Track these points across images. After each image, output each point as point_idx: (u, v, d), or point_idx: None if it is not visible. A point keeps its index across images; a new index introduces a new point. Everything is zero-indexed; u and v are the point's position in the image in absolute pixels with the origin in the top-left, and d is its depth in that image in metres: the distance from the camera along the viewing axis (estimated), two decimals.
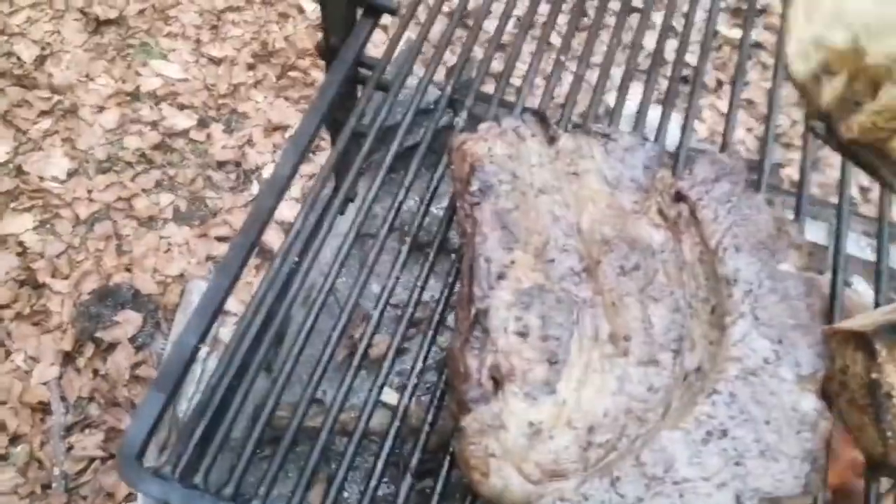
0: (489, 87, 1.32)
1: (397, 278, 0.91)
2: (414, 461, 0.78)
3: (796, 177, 1.04)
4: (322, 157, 2.58)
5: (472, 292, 0.78)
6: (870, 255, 1.59)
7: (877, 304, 0.92)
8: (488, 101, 1.03)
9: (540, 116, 0.90)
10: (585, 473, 0.72)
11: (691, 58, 2.98)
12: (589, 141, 0.90)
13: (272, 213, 0.89)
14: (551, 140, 0.89)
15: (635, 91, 1.02)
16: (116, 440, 2.20)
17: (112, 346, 2.31)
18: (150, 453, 0.77)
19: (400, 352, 0.88)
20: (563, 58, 1.09)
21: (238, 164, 2.69)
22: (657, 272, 0.83)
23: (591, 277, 0.82)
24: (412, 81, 1.07)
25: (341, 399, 0.83)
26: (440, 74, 1.34)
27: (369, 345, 0.88)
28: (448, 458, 0.79)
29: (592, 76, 1.23)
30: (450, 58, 2.56)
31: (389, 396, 1.12)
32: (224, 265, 0.84)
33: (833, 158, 2.57)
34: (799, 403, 0.75)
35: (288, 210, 2.40)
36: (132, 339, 2.32)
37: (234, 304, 2.09)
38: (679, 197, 0.88)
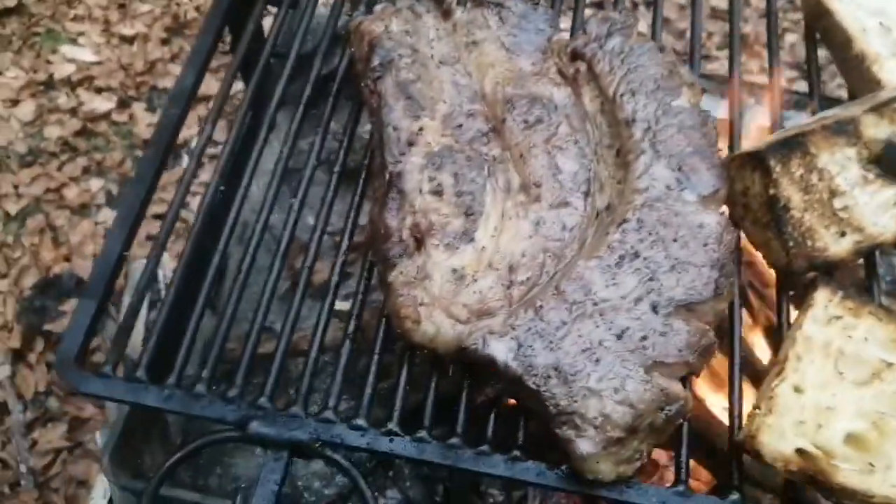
0: None
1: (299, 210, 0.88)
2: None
3: None
4: None
5: (384, 160, 0.80)
6: None
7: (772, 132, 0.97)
8: None
9: None
10: (511, 308, 0.76)
11: None
12: (483, 12, 0.92)
13: (181, 123, 0.89)
14: (446, 14, 0.91)
15: None
16: (82, 429, 2.17)
17: (62, 337, 2.26)
18: None
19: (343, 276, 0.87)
20: None
21: None
22: (560, 124, 0.86)
23: (498, 136, 0.85)
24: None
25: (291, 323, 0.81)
26: None
27: (311, 272, 0.87)
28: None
29: None
30: None
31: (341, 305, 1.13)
32: (137, 176, 0.85)
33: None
34: (703, 220, 0.80)
35: None
36: None
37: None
38: (575, 55, 0.92)
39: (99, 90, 2.71)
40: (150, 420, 1.09)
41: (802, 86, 2.37)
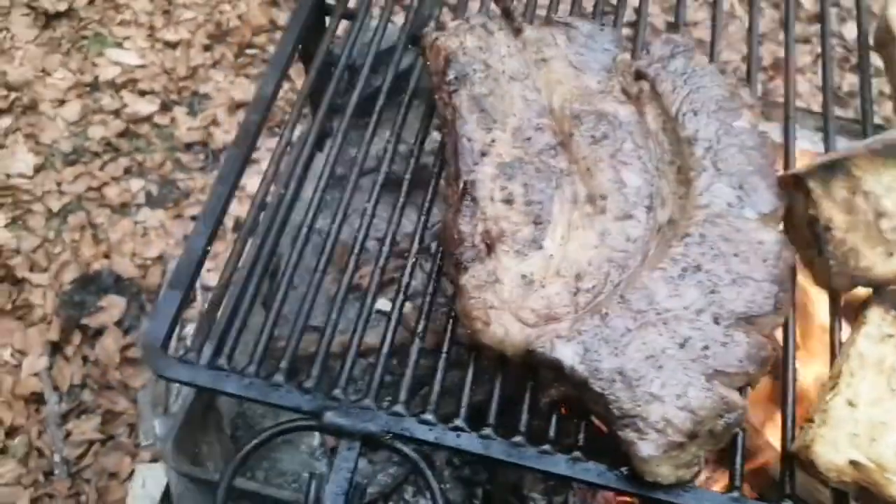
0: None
1: (372, 214, 0.92)
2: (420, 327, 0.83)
3: None
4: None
5: (458, 169, 0.84)
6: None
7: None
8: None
9: (505, 11, 0.96)
10: (576, 315, 0.79)
11: None
12: (552, 30, 0.96)
13: (261, 128, 0.94)
14: (517, 32, 0.96)
15: None
16: (114, 422, 2.21)
17: (99, 332, 2.31)
18: None
19: (389, 282, 0.90)
20: None
21: (205, 145, 2.71)
22: (625, 140, 0.90)
23: (565, 150, 0.89)
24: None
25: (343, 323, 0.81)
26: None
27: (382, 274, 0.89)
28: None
29: None
30: None
31: (384, 305, 1.17)
32: (221, 177, 0.89)
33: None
34: (762, 237, 0.83)
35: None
36: (119, 323, 2.33)
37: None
38: (639, 75, 0.95)
39: (142, 93, 2.78)
40: (207, 410, 1.13)
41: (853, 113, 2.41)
